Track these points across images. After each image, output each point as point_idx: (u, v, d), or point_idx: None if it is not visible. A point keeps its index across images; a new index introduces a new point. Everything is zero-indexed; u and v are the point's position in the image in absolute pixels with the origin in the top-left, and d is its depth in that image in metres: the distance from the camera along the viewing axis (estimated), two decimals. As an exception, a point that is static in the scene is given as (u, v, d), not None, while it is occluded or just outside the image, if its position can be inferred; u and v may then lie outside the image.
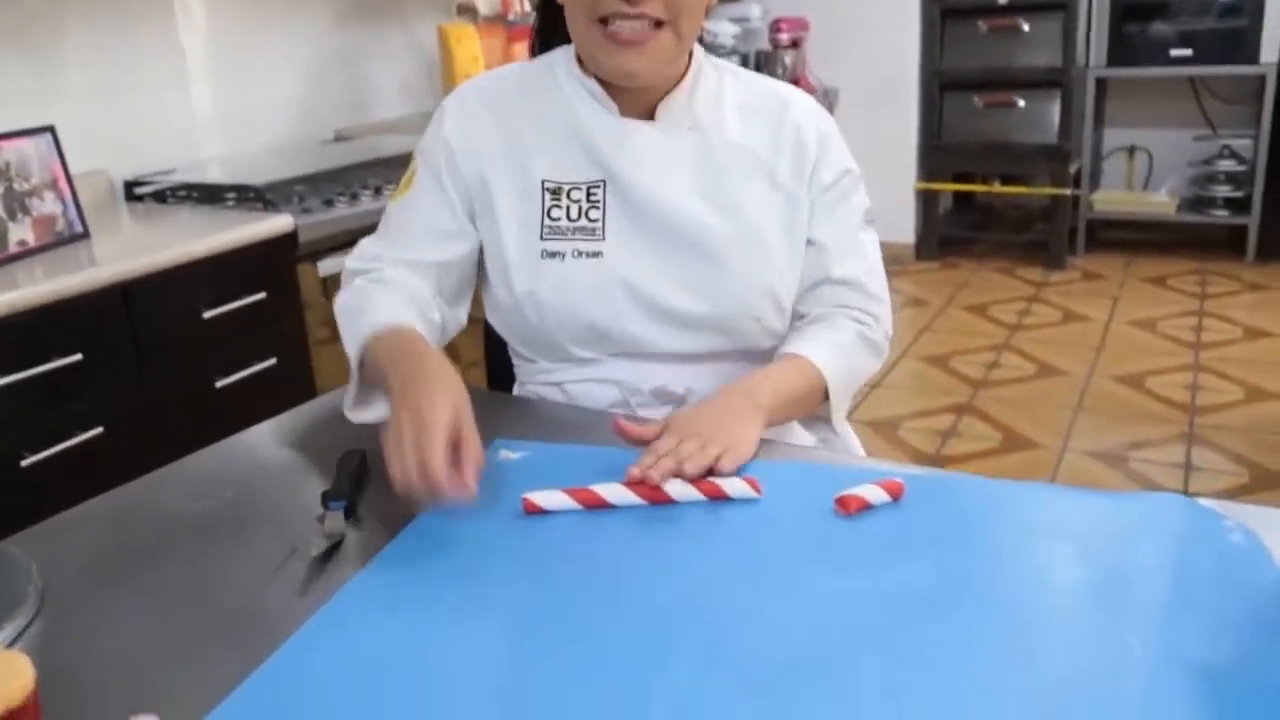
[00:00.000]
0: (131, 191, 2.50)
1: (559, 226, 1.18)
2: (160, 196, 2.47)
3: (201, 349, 2.07)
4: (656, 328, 1.19)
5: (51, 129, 2.08)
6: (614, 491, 0.95)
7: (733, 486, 0.96)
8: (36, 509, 1.02)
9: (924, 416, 3.18)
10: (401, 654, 0.76)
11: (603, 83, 1.17)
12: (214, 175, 2.55)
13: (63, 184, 2.08)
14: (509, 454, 1.06)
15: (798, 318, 1.26)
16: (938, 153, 4.60)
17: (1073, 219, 4.52)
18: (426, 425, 0.91)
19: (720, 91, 1.22)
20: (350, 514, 0.95)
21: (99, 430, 1.89)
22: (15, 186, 1.98)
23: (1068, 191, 4.40)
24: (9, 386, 1.75)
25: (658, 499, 0.95)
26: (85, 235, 2.11)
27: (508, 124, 1.21)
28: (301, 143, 2.94)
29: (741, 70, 1.26)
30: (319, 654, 0.76)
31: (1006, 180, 4.81)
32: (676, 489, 0.96)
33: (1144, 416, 3.10)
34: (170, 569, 0.89)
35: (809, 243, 1.22)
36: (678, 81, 1.19)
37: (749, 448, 1.03)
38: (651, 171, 1.17)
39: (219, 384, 2.09)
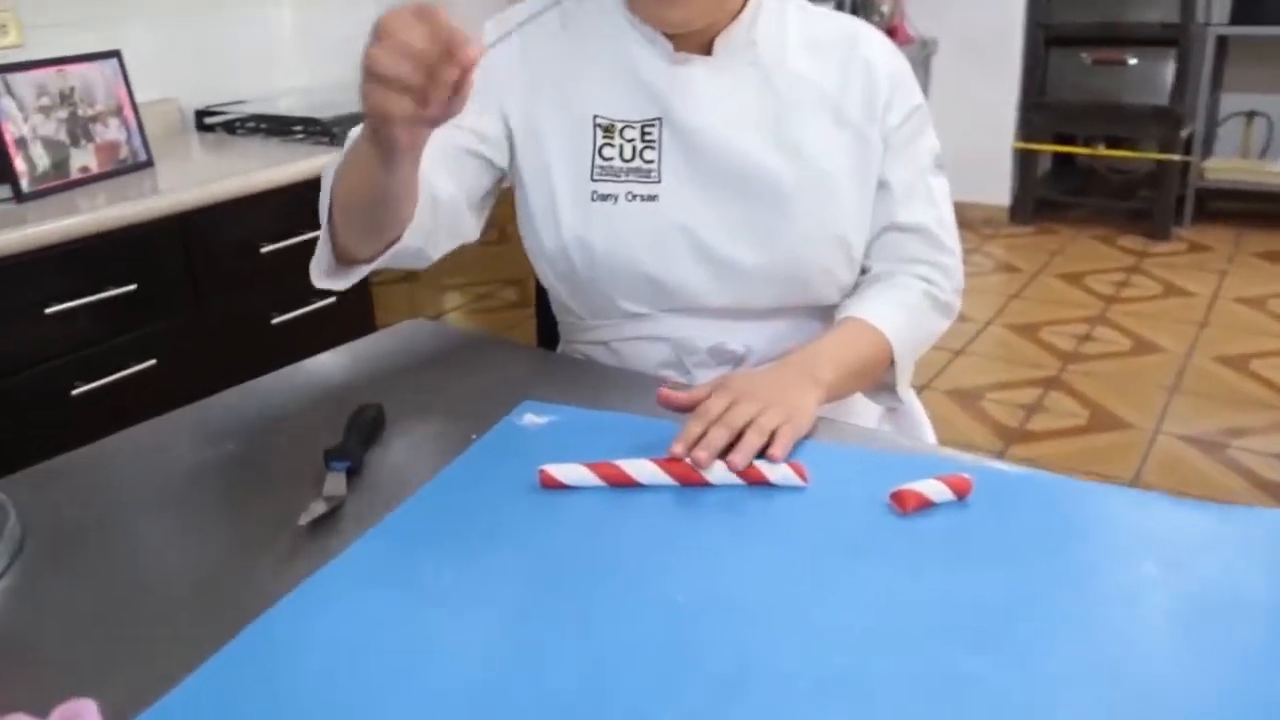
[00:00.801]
0: (202, 121, 2.45)
1: (611, 167, 1.08)
2: (230, 127, 2.42)
3: (259, 284, 2.02)
4: (714, 279, 1.08)
5: (117, 54, 2.03)
6: (642, 468, 0.85)
7: (775, 472, 0.85)
8: (86, 439, 0.97)
9: (1008, 389, 3.01)
10: (376, 641, 0.67)
11: None
12: (285, 107, 2.49)
13: (128, 111, 2.03)
14: (534, 419, 0.96)
15: (861, 272, 1.14)
16: (1039, 111, 4.35)
17: (1181, 187, 4.25)
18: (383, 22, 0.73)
19: (783, 24, 1.10)
20: (355, 475, 0.87)
21: (151, 362, 1.85)
22: (80, 112, 1.94)
23: (1177, 157, 4.13)
24: (62, 314, 1.71)
25: (690, 480, 0.85)
26: (149, 164, 2.06)
27: (554, 56, 1.10)
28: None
29: (807, 3, 1.14)
30: (285, 637, 0.68)
31: (1111, 143, 4.54)
32: (713, 471, 0.85)
33: (1246, 401, 2.89)
34: (153, 528, 0.82)
35: (879, 184, 1.11)
36: (736, 14, 1.07)
37: (808, 419, 0.92)
38: (710, 110, 1.06)
39: (275, 320, 2.03)
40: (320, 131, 2.26)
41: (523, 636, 0.68)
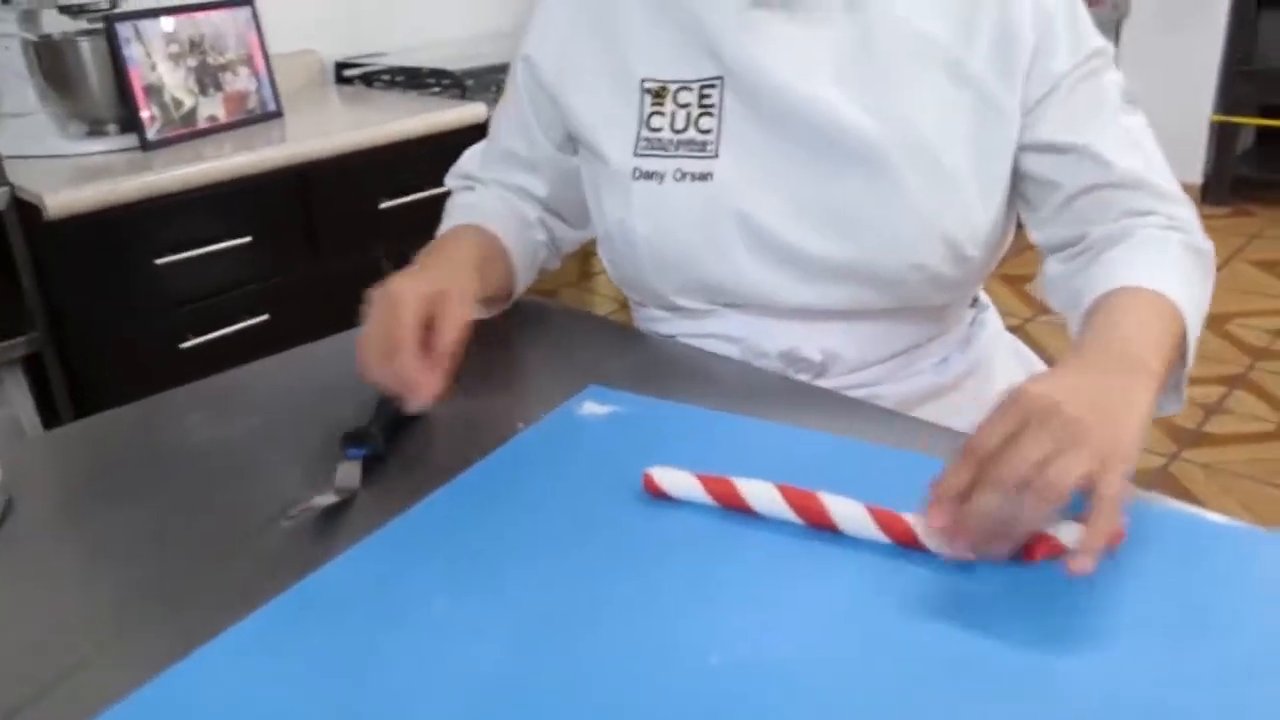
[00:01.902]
0: (341, 74, 2.40)
1: (659, 139, 0.90)
2: (368, 80, 2.36)
3: (376, 240, 1.94)
4: (780, 275, 0.89)
5: (251, 2, 1.98)
6: (760, 494, 0.67)
7: (932, 536, 0.63)
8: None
9: (1188, 385, 2.69)
10: (341, 679, 0.55)
11: None
12: (425, 59, 2.41)
13: (259, 60, 1.98)
14: (596, 408, 0.82)
15: (1064, 247, 0.89)
16: (1245, 80, 3.89)
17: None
18: (390, 297, 0.78)
19: None
20: (377, 463, 0.75)
21: (264, 317, 1.80)
22: (209, 60, 1.90)
23: (1406, 134, 3.63)
24: (176, 265, 1.68)
25: (818, 521, 0.66)
26: (278, 114, 2.01)
27: (601, 14, 0.94)
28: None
29: None
30: (251, 655, 0.57)
31: (1327, 118, 4.04)
32: (848, 516, 0.65)
33: None
34: (142, 513, 0.71)
35: (1052, 149, 0.86)
36: None
37: (1134, 454, 0.62)
38: (786, 66, 0.86)
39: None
40: (452, 84, 2.16)
41: (513, 688, 0.54)
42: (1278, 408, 2.56)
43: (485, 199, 1.03)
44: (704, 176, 0.89)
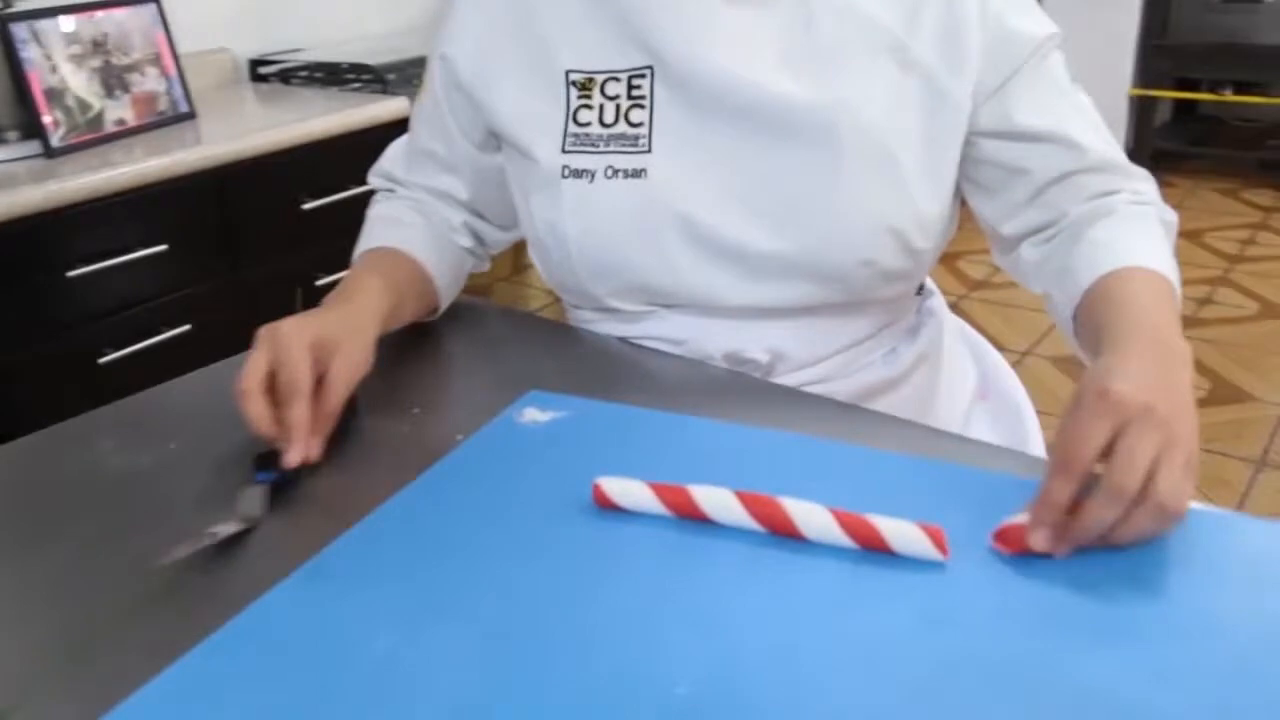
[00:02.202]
0: (256, 71, 2.31)
1: (588, 135, 0.85)
2: (285, 77, 2.27)
3: (301, 243, 1.87)
4: (722, 274, 0.85)
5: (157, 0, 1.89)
6: (718, 501, 0.63)
7: (901, 538, 0.59)
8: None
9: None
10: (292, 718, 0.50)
11: None
12: (344, 54, 2.33)
13: (168, 60, 1.89)
14: (537, 414, 0.77)
15: (1036, 231, 0.86)
16: (1159, 54, 3.96)
17: (1317, 134, 3.84)
18: (279, 340, 0.74)
19: None
20: (285, 488, 0.70)
21: (186, 328, 1.72)
22: (114, 61, 1.80)
23: (1315, 103, 3.72)
24: (90, 276, 1.59)
25: (781, 529, 0.62)
26: (190, 115, 1.92)
27: (523, 6, 0.89)
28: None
29: None
30: (176, 712, 0.51)
31: (1240, 89, 4.12)
32: (812, 522, 0.61)
33: (1392, 373, 2.56)
34: (46, 556, 0.65)
35: (1022, 136, 0.83)
36: None
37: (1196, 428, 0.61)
38: (727, 51, 0.82)
39: (319, 282, 1.89)
40: (372, 79, 2.09)
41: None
42: (1207, 375, 2.60)
43: (405, 212, 0.97)
44: (637, 173, 0.84)
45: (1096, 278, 0.76)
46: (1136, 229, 0.79)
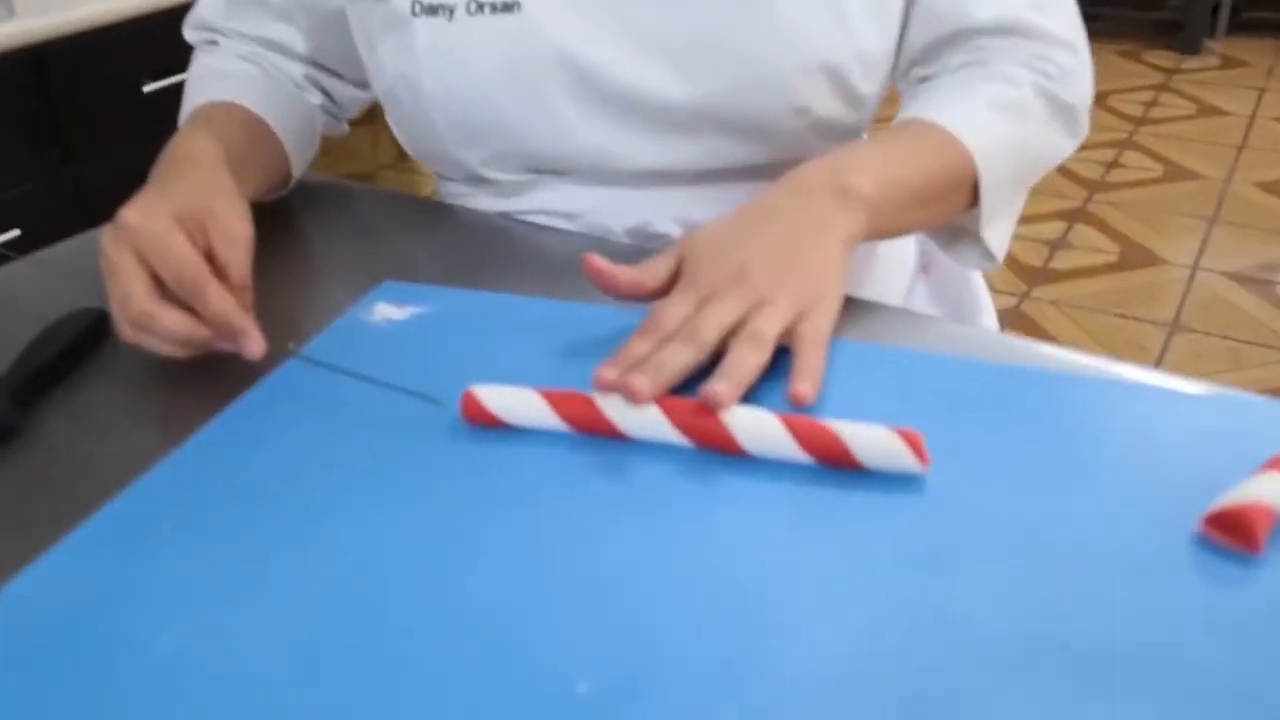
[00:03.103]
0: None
1: None
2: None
3: (143, 132, 1.63)
4: (619, 131, 0.69)
5: None
6: (631, 409, 0.49)
7: (869, 443, 0.45)
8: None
9: (1029, 223, 2.63)
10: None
11: None
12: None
13: (-33, -80, 1.60)
14: (391, 310, 0.60)
15: (918, 81, 0.72)
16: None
17: (1215, -6, 3.76)
18: (138, 235, 0.55)
19: None
20: (10, 434, 0.53)
21: (15, 233, 1.49)
22: (-102, -80, 1.51)
23: (1213, -41, 3.63)
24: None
25: (714, 440, 0.48)
26: (2, -13, 1.64)
27: None
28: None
29: None
30: None
31: (1138, -53, 4.01)
32: (757, 432, 0.47)
33: (1293, 230, 2.52)
34: None
35: None
36: None
37: (837, 295, 0.55)
38: None
39: (171, 176, 1.66)
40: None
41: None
42: (1118, 239, 2.53)
43: (234, 64, 0.79)
44: (507, 6, 0.67)
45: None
46: (979, 87, 0.67)
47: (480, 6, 0.67)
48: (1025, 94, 0.67)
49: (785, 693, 0.36)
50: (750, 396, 0.49)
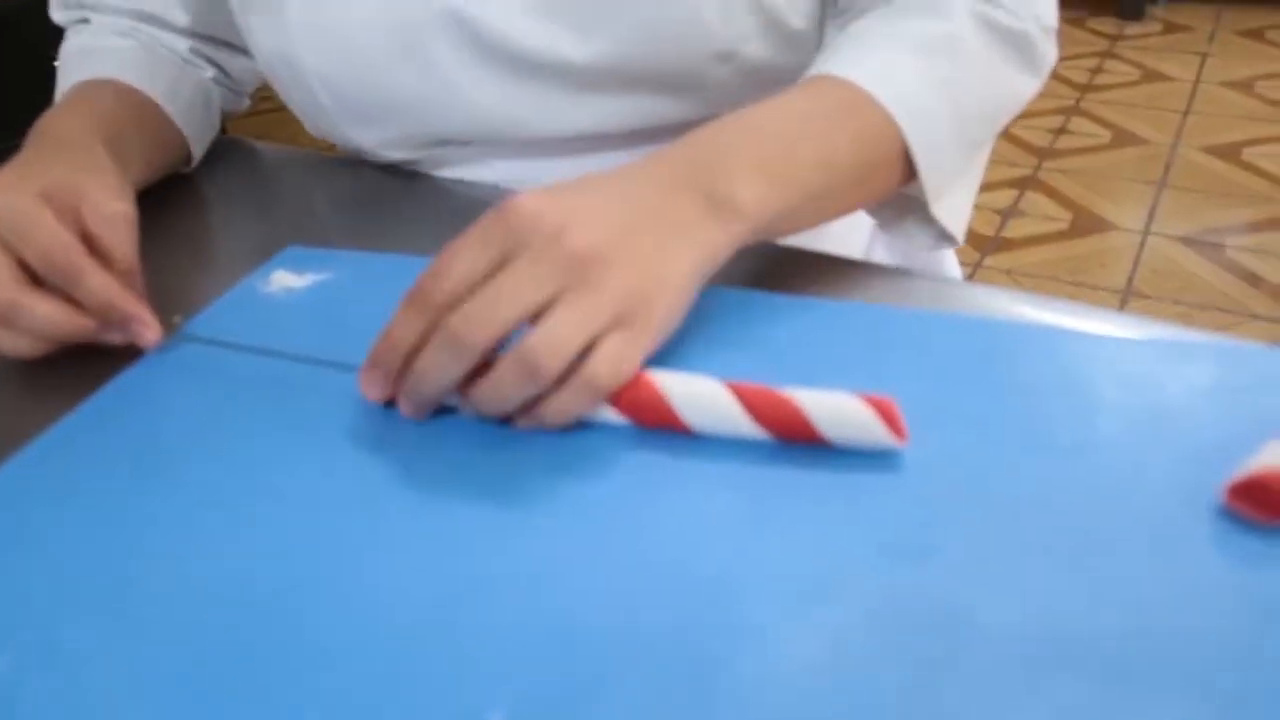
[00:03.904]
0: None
1: None
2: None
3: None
4: (528, 96, 0.60)
5: None
6: None
7: (835, 415, 0.39)
8: None
9: (980, 192, 2.59)
10: None
11: None
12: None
13: None
14: (290, 279, 0.53)
15: (839, 16, 0.62)
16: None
17: (1157, -39, 3.75)
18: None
19: None
20: None
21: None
22: None
23: (1154, -74, 3.61)
24: None
25: (656, 418, 0.40)
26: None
27: None
28: None
29: None
30: None
31: (1080, -85, 3.98)
32: (702, 404, 0.40)
33: (1240, 194, 2.51)
34: None
35: None
36: None
37: (665, 316, 0.42)
38: None
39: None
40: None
41: None
42: (1069, 206, 2.50)
43: (109, 40, 0.70)
44: None
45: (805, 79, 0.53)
46: (901, 27, 0.54)
47: None
48: (959, 25, 0.54)
49: (752, 713, 0.29)
50: (691, 362, 0.43)
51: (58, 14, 0.74)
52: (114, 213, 0.50)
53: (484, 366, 0.39)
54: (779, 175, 0.47)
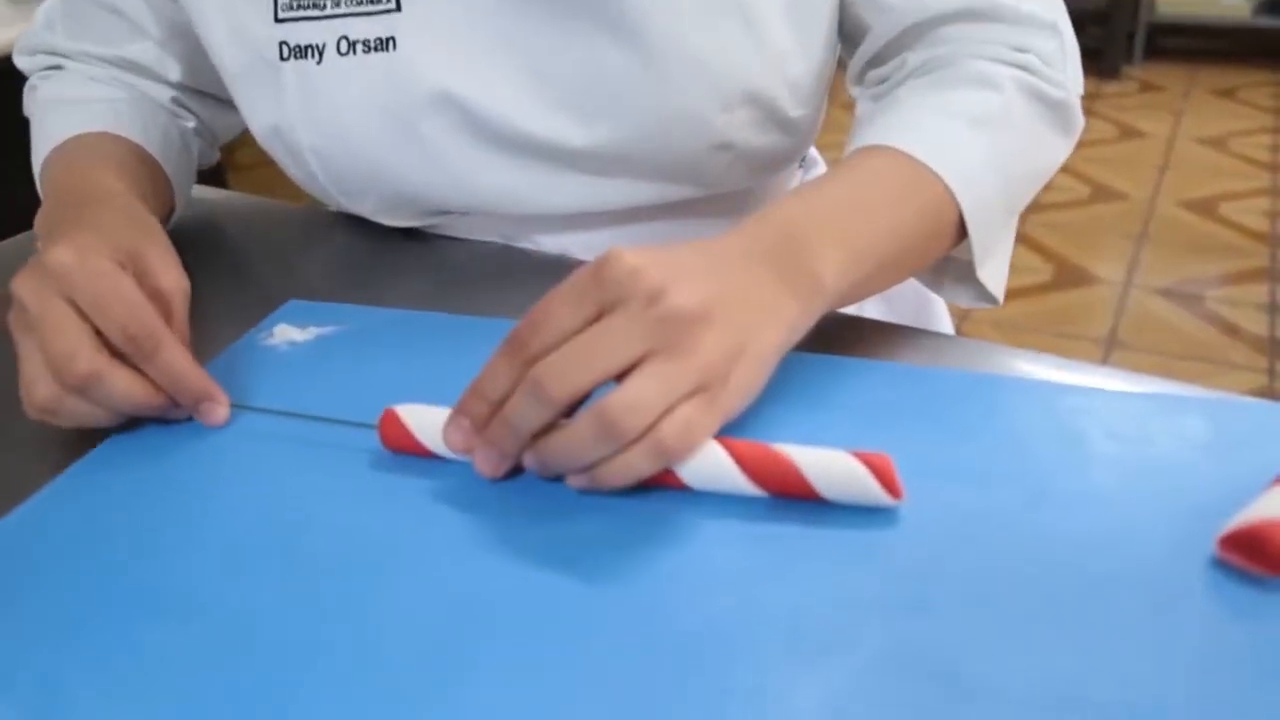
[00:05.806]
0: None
1: None
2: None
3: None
4: (522, 174, 0.60)
5: None
6: None
7: (834, 476, 0.38)
8: None
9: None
10: None
11: None
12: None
13: None
14: (293, 333, 0.53)
15: (878, 83, 0.62)
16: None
17: (1131, 23, 3.82)
18: (73, 277, 0.44)
19: None
20: None
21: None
22: None
23: (1129, -10, 3.69)
24: None
25: (653, 476, 0.40)
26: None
27: None
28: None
29: None
30: None
31: (1057, -21, 4.06)
32: (700, 464, 0.39)
33: (1219, 248, 2.53)
34: None
35: None
36: None
37: (755, 381, 0.42)
38: None
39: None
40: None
41: None
42: (1051, 258, 2.52)
43: (92, 89, 0.68)
44: (383, 44, 0.58)
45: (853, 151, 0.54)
46: (947, 95, 0.55)
47: (352, 45, 0.58)
48: (1010, 98, 0.55)
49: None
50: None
51: (24, 60, 0.72)
52: (178, 288, 0.49)
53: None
54: (858, 248, 0.47)
